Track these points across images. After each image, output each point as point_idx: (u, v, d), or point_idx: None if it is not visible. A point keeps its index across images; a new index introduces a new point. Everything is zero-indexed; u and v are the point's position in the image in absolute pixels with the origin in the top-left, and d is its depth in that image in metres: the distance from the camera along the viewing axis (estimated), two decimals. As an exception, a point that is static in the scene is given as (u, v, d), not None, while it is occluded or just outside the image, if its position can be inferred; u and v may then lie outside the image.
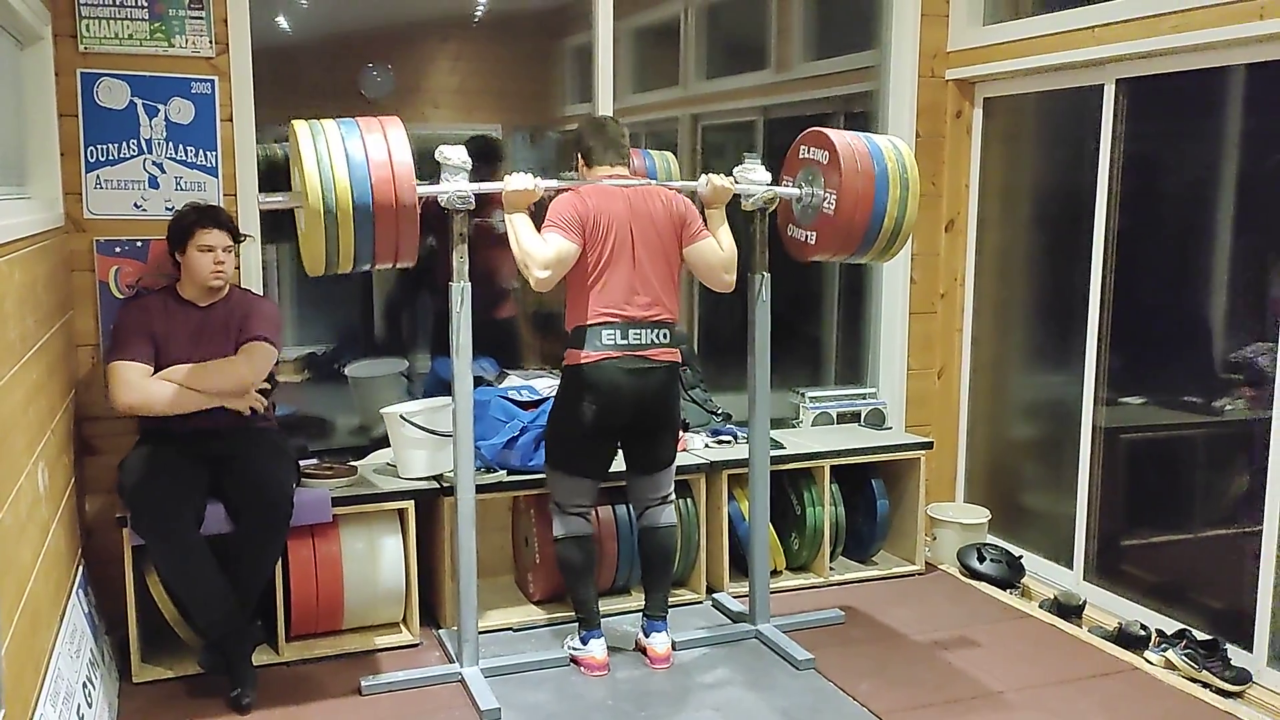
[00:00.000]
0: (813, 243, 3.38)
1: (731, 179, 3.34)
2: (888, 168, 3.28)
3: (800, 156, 3.43)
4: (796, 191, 3.42)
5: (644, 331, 3.16)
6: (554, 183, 3.22)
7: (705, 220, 3.31)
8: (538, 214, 3.18)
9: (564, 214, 3.10)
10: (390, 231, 2.84)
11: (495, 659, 3.34)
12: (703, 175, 3.32)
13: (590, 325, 3.14)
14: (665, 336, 3.20)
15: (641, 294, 3.16)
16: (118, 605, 3.21)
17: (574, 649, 3.36)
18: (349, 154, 2.81)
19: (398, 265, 2.94)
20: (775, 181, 3.46)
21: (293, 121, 2.85)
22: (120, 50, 3.39)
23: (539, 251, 3.06)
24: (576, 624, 3.40)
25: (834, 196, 3.26)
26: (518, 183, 3.09)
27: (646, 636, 3.40)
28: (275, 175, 3.60)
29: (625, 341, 3.14)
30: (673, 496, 3.44)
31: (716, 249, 3.28)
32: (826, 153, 3.30)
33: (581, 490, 3.32)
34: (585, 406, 3.16)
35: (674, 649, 3.41)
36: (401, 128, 2.90)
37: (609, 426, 3.21)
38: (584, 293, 3.16)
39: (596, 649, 3.30)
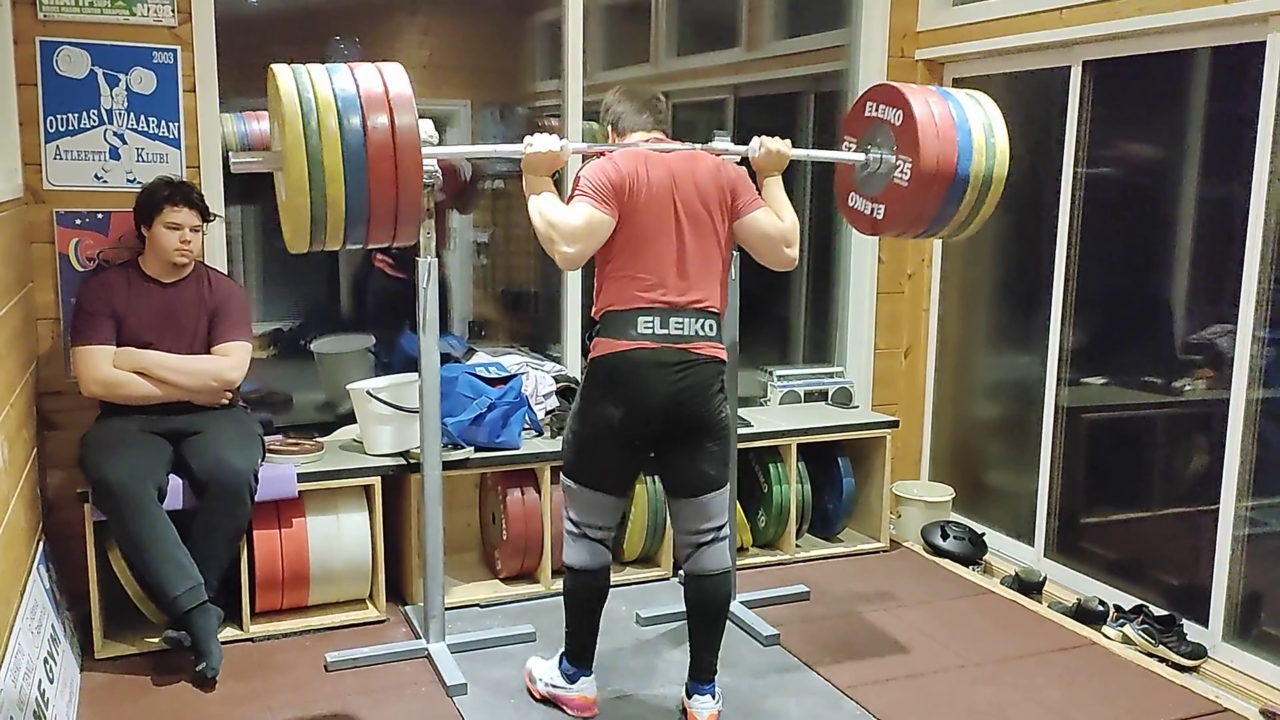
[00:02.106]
0: (880, 217, 2.98)
1: (788, 141, 2.91)
2: (972, 132, 2.85)
3: (866, 114, 3.01)
4: (861, 157, 3.02)
5: (687, 320, 2.68)
6: (583, 145, 2.83)
7: (759, 190, 2.89)
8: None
9: (595, 181, 2.65)
10: (388, 188, 2.41)
11: (462, 635, 3.34)
12: (755, 138, 2.92)
13: (624, 311, 2.68)
14: (710, 328, 2.72)
15: (684, 277, 2.70)
16: (79, 581, 3.19)
17: (554, 686, 2.93)
18: (336, 91, 2.39)
19: (396, 242, 2.56)
20: (834, 144, 3.14)
21: (271, 66, 2.49)
22: (80, 18, 3.33)
23: (566, 223, 2.61)
24: (563, 654, 2.94)
25: (908, 164, 2.84)
26: (542, 144, 2.71)
27: (689, 699, 2.89)
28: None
29: (665, 331, 2.66)
30: (726, 531, 2.85)
31: (774, 219, 2.81)
32: (900, 112, 2.87)
33: (599, 508, 2.82)
34: (612, 406, 2.68)
35: (717, 709, 2.89)
36: (400, 67, 2.52)
37: (639, 433, 2.72)
38: (617, 273, 2.70)
39: (587, 688, 2.90)
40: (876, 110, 2.99)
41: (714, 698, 2.88)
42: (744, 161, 2.96)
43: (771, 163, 2.91)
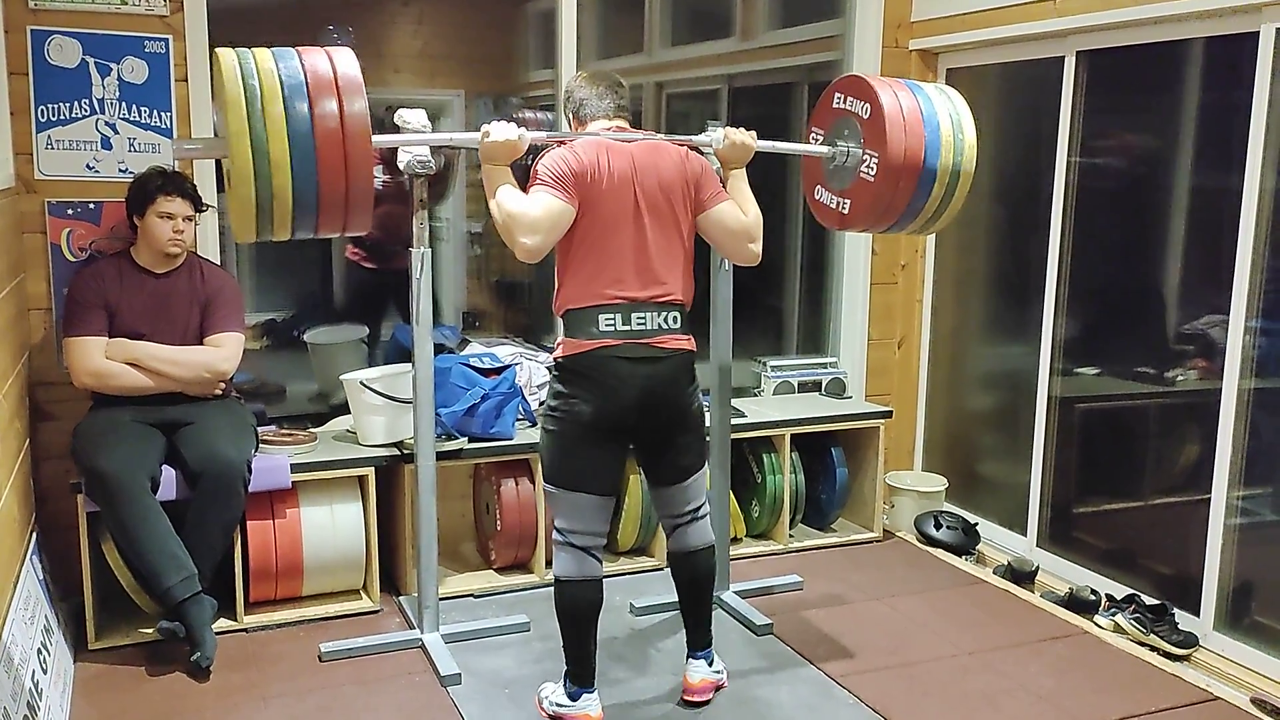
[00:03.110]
0: (846, 211, 2.95)
1: (753, 134, 2.88)
2: (940, 126, 2.82)
3: (834, 106, 2.97)
4: (827, 150, 2.98)
5: (649, 315, 2.67)
6: (542, 134, 2.82)
7: (724, 183, 2.86)
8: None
9: (554, 170, 2.61)
10: (337, 177, 2.32)
11: (456, 625, 3.34)
12: (719, 129, 2.88)
13: (584, 309, 2.66)
14: (675, 320, 2.71)
15: (645, 270, 2.67)
16: (73, 572, 3.19)
17: (558, 705, 2.82)
18: (282, 76, 2.28)
19: (348, 230, 2.46)
20: (803, 136, 3.12)
21: (215, 50, 2.39)
22: (72, 7, 3.31)
23: (525, 213, 2.55)
24: (564, 676, 2.84)
25: (875, 159, 2.80)
26: (499, 132, 2.63)
27: (686, 665, 2.95)
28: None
29: (627, 328, 2.65)
30: (706, 509, 2.91)
31: (738, 213, 2.78)
32: (867, 105, 2.83)
33: (584, 511, 2.73)
34: (582, 404, 2.65)
35: (714, 676, 2.96)
36: (349, 51, 2.43)
37: (612, 429, 2.69)
38: (576, 269, 2.67)
39: (591, 707, 2.79)
40: (844, 103, 2.95)
41: (710, 663, 2.94)
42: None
43: (736, 155, 2.86)
